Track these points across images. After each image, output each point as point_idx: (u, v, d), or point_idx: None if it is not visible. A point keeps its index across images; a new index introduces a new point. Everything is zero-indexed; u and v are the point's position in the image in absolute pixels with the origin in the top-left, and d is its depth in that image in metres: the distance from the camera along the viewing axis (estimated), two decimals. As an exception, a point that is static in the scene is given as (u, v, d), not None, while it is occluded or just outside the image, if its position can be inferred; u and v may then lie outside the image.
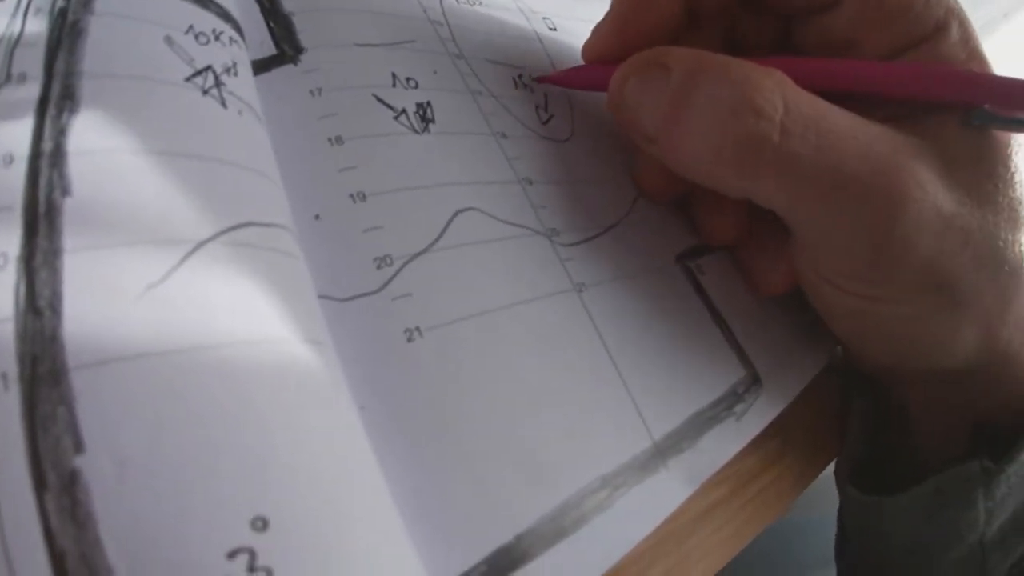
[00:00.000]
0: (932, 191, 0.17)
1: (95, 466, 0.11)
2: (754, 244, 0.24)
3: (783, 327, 0.25)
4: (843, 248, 0.19)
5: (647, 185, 0.24)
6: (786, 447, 0.23)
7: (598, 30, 0.22)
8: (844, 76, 0.19)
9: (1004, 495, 0.21)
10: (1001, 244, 0.18)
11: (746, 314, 0.24)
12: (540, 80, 0.25)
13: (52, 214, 0.13)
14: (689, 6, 0.21)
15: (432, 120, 0.21)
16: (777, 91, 0.17)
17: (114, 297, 0.12)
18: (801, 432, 0.24)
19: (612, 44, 0.21)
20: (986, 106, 0.18)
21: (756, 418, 0.22)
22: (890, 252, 0.18)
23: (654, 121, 0.19)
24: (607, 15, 0.21)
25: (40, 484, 0.11)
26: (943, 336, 0.19)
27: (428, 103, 0.21)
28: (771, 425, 0.22)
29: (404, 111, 0.21)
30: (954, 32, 0.19)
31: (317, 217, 0.18)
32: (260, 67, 0.20)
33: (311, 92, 0.20)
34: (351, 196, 0.18)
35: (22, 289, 0.12)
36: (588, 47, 0.22)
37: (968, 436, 0.22)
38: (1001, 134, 0.19)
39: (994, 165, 0.19)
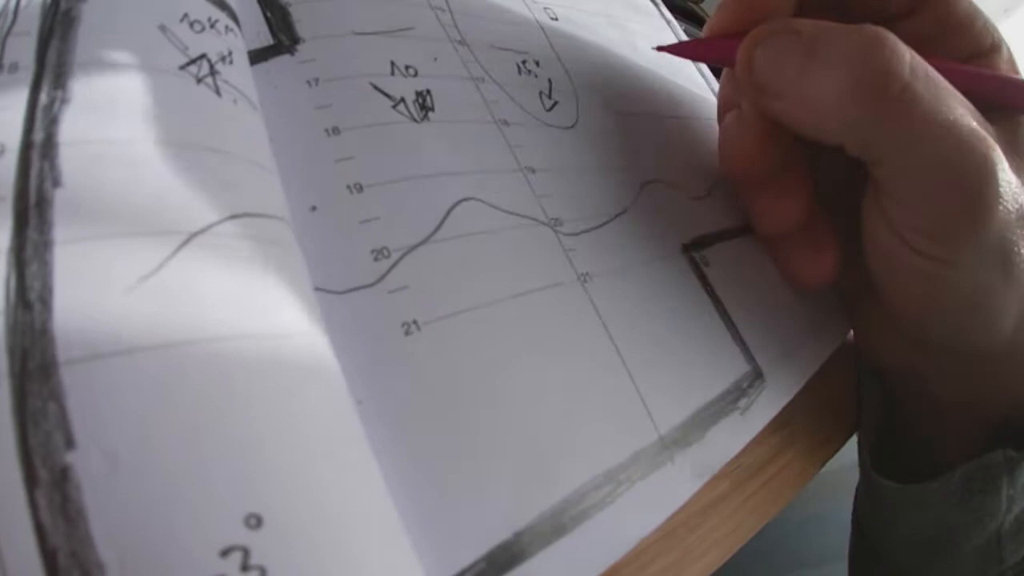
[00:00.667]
0: (1009, 172, 0.19)
1: (86, 462, 0.11)
2: (805, 233, 0.24)
3: (786, 322, 0.25)
4: (933, 204, 0.20)
5: (737, 153, 0.24)
6: (788, 443, 0.23)
7: (723, 6, 0.24)
8: (938, 68, 0.20)
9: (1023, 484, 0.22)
10: None
11: (749, 308, 0.24)
12: (660, 48, 0.25)
13: (43, 205, 0.13)
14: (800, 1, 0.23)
15: (432, 108, 0.21)
16: (902, 44, 0.19)
17: (105, 290, 0.12)
18: (803, 428, 0.23)
19: (737, 19, 0.23)
20: None
21: (761, 412, 0.21)
22: (973, 215, 0.19)
23: (784, 78, 0.21)
24: None
25: (31, 480, 0.10)
26: (995, 308, 0.21)
27: (427, 91, 0.21)
28: (773, 420, 0.22)
29: (403, 99, 0.20)
30: (1004, 53, 0.22)
31: (313, 208, 0.18)
32: (256, 57, 0.19)
33: (308, 82, 0.19)
34: (348, 187, 0.18)
35: (12, 282, 0.12)
36: (713, 22, 0.24)
37: (989, 432, 0.23)
38: None
39: None
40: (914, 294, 0.22)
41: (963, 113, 0.19)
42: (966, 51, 0.22)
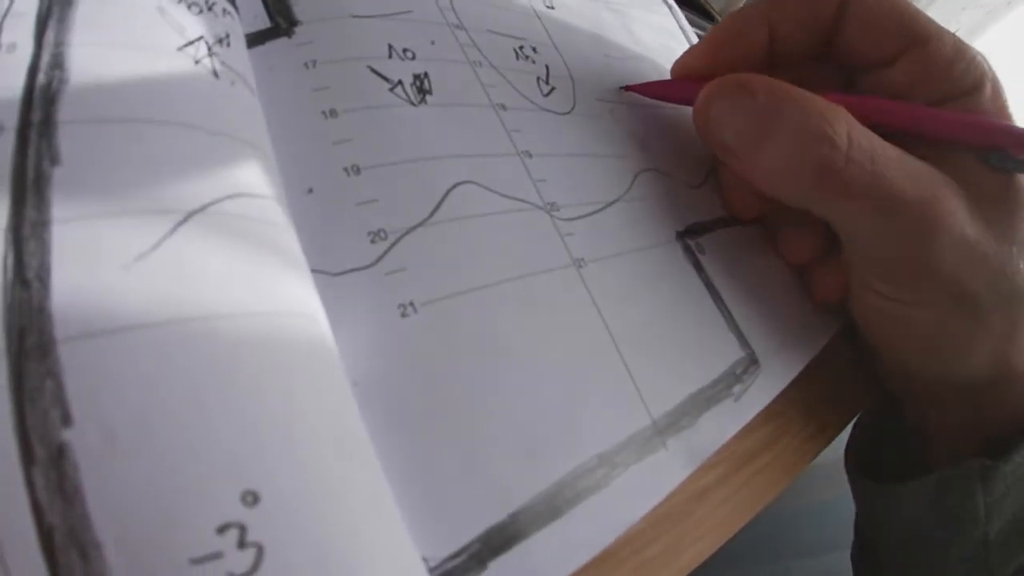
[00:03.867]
0: (960, 219, 0.20)
1: (83, 439, 0.11)
2: (821, 259, 0.26)
3: (780, 310, 0.25)
4: (885, 256, 0.22)
5: (733, 201, 0.26)
6: (782, 431, 0.23)
7: (691, 51, 0.25)
8: (893, 115, 0.22)
9: (1003, 493, 0.23)
10: (1011, 271, 0.21)
11: (744, 295, 0.24)
12: (626, 89, 0.26)
13: (41, 184, 0.13)
14: (773, 48, 0.24)
15: (429, 91, 0.21)
16: (844, 125, 0.20)
17: (103, 268, 0.12)
18: (797, 417, 0.23)
19: (702, 64, 0.25)
20: (1007, 151, 0.21)
21: (754, 399, 0.22)
22: (924, 264, 0.21)
23: (738, 138, 0.22)
24: (703, 39, 0.25)
25: (28, 458, 0.11)
26: (961, 342, 0.22)
27: (425, 74, 0.21)
28: (768, 407, 0.22)
29: (400, 82, 0.20)
30: (987, 91, 0.22)
31: (310, 191, 0.18)
32: (254, 40, 0.19)
33: (305, 65, 0.19)
34: (345, 169, 0.18)
35: (9, 260, 0.12)
36: (679, 64, 0.25)
37: (973, 449, 0.24)
38: (1020, 177, 0.22)
39: (1013, 204, 0.21)
40: (887, 332, 0.24)
41: (904, 180, 0.20)
42: (949, 93, 0.22)
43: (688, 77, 0.25)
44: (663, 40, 0.32)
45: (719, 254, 0.24)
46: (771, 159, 0.21)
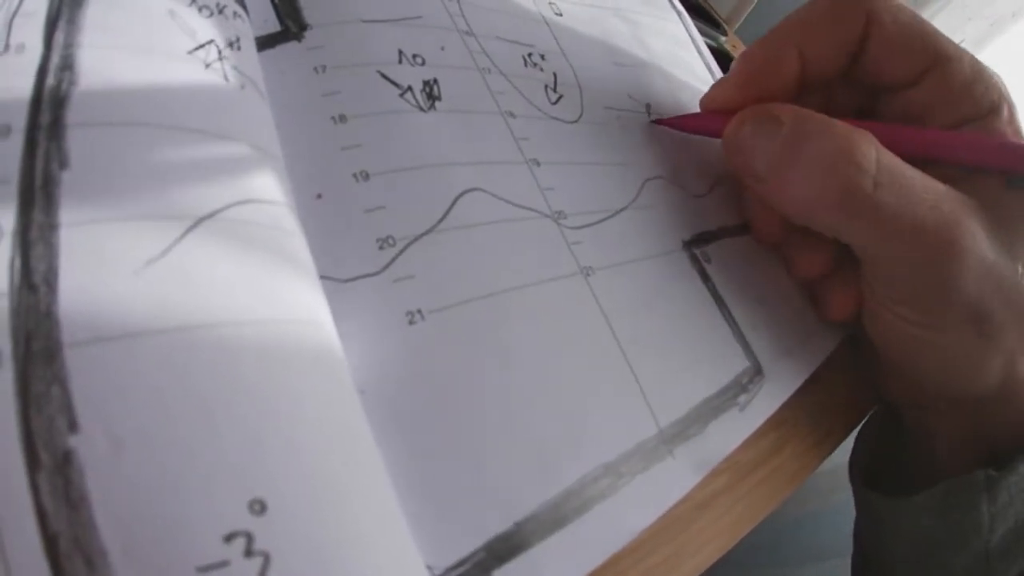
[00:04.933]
0: (980, 242, 0.21)
1: (89, 446, 0.11)
2: (834, 277, 0.26)
3: (785, 319, 0.25)
4: (906, 281, 0.22)
5: (760, 224, 0.26)
6: (786, 440, 0.23)
7: (721, 84, 0.25)
8: (917, 142, 0.23)
9: (1005, 503, 0.23)
10: None
11: (749, 305, 0.24)
12: (657, 122, 0.26)
13: (49, 187, 0.13)
14: (803, 72, 0.24)
15: (439, 97, 0.21)
16: (872, 149, 0.21)
17: (111, 272, 0.12)
18: (801, 425, 0.24)
19: (732, 98, 0.25)
20: None
21: (759, 409, 0.22)
22: (943, 288, 0.21)
23: (765, 165, 0.22)
24: (732, 72, 0.25)
25: (33, 464, 0.10)
26: (975, 360, 0.22)
27: (435, 80, 0.21)
28: (771, 417, 0.22)
29: (410, 88, 0.20)
30: (1004, 113, 0.23)
31: (319, 196, 0.18)
32: (264, 43, 0.19)
33: (315, 69, 0.19)
34: (354, 175, 0.18)
35: (17, 264, 0.12)
36: (709, 98, 0.26)
37: (976, 459, 0.24)
38: None
39: None
40: (902, 353, 0.24)
41: (927, 205, 0.20)
42: (967, 115, 0.23)
43: (717, 111, 0.25)
44: (672, 48, 0.32)
45: (725, 263, 0.24)
46: (799, 185, 0.21)
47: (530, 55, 0.24)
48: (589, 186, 0.22)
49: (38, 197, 0.12)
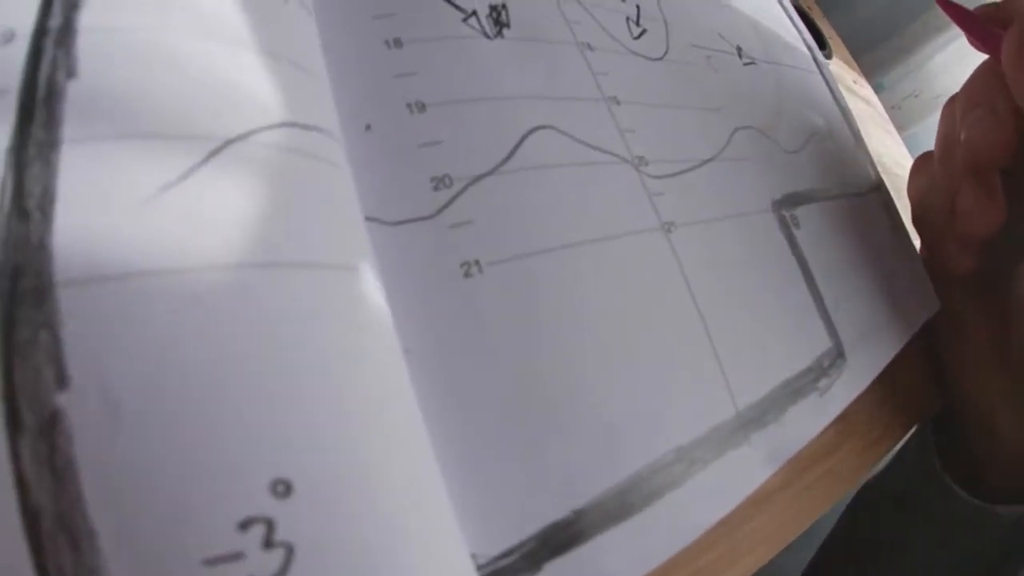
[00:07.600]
0: None
1: (81, 406, 0.09)
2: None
3: (870, 298, 0.24)
4: None
5: (984, 148, 0.24)
6: (844, 437, 0.22)
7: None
8: None
9: None
10: None
11: (836, 278, 0.23)
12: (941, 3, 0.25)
13: (52, 99, 0.11)
14: None
15: (507, 24, 0.19)
16: None
17: (119, 200, 0.10)
18: (861, 422, 0.23)
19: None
20: None
21: (839, 396, 0.21)
22: None
23: None
24: None
25: (14, 425, 0.09)
26: None
27: (503, 5, 0.20)
28: None
29: (475, 12, 0.19)
30: None
31: (368, 128, 0.16)
32: (312, -45, 0.18)
33: (367, -14, 0.18)
34: (408, 106, 0.17)
35: (8, 186, 0.10)
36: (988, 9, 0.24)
37: None
38: None
39: None
40: None
41: None
42: None
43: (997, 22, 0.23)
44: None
45: (815, 230, 0.23)
46: None
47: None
48: (673, 131, 0.21)
49: (39, 110, 0.11)
